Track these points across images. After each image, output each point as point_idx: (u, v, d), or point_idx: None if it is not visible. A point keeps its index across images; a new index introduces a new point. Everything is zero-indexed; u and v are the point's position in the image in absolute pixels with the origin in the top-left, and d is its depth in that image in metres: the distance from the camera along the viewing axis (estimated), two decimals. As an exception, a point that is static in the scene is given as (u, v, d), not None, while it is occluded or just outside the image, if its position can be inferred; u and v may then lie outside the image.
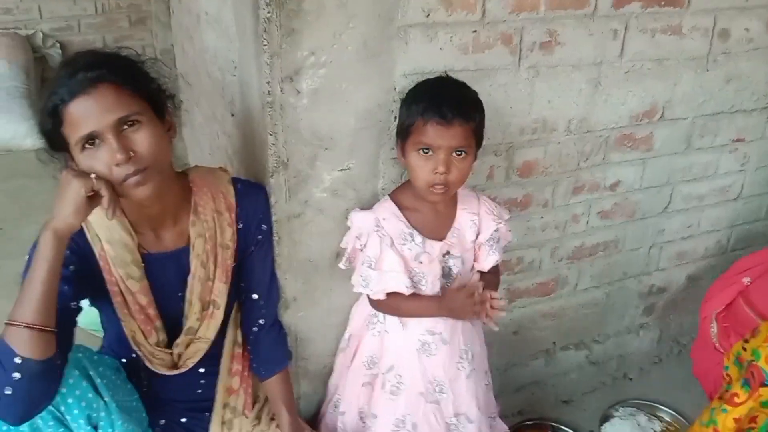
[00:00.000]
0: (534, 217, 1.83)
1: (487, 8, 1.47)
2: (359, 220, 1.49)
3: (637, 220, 2.03)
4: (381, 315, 1.58)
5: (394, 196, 1.52)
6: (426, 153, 1.36)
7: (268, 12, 1.28)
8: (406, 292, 1.46)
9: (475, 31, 1.49)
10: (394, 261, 1.46)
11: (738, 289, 1.95)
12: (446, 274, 1.54)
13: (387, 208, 1.49)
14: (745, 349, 1.59)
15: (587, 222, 1.94)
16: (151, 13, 4.21)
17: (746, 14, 1.88)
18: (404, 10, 1.40)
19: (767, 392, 1.47)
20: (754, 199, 2.27)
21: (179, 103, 1.34)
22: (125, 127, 1.20)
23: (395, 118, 1.49)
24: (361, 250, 1.48)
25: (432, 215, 1.51)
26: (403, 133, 1.40)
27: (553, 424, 2.13)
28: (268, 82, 1.34)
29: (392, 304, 1.50)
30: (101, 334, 1.54)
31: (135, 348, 1.42)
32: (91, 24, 4.15)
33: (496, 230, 1.55)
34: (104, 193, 1.17)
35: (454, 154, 1.37)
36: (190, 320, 1.45)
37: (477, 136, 1.41)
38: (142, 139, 1.21)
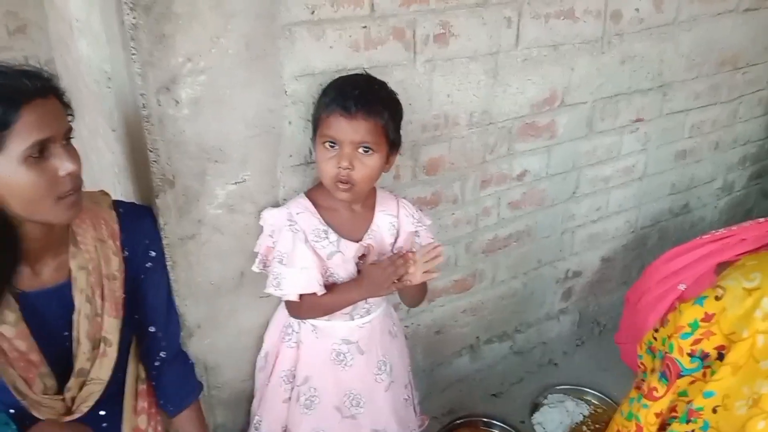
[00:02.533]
0: (445, 215, 1.79)
1: (375, 2, 1.41)
2: (272, 217, 1.41)
3: (547, 207, 2.04)
4: (296, 324, 1.50)
5: (309, 194, 1.44)
6: (332, 147, 1.31)
7: (134, 17, 1.16)
8: (319, 292, 1.38)
9: (365, 27, 1.42)
10: (306, 257, 1.37)
11: (674, 296, 1.97)
12: None
13: (301, 204, 1.41)
14: (655, 339, 1.61)
15: (498, 214, 1.92)
16: (30, 21, 3.91)
17: (636, -6, 1.90)
18: (287, 7, 1.31)
19: (684, 383, 1.50)
20: (658, 177, 2.34)
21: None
22: (65, 141, 1.13)
23: (290, 123, 1.41)
24: (273, 248, 1.40)
25: (348, 215, 1.43)
26: (313, 127, 1.37)
27: (484, 419, 2.11)
28: (142, 94, 1.22)
29: (309, 303, 1.41)
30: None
31: (18, 398, 1.28)
32: (-36, 37, 3.81)
33: (416, 234, 1.49)
34: None
35: (360, 151, 1.30)
36: (80, 361, 1.31)
37: (386, 134, 1.33)
38: (77, 155, 1.15)
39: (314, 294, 1.38)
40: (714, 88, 2.33)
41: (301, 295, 1.39)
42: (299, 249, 1.37)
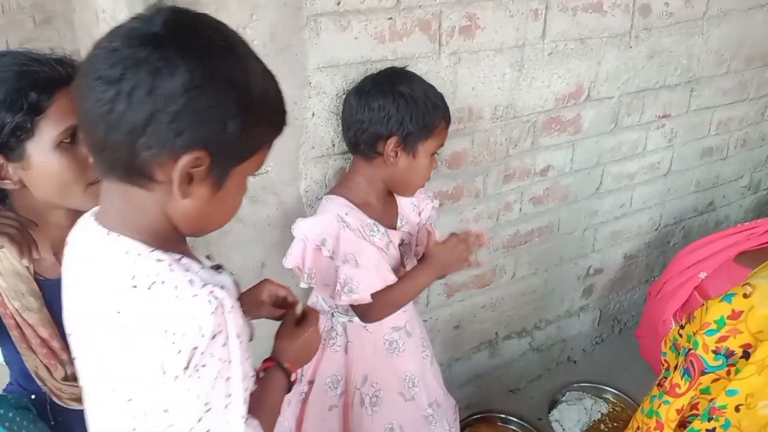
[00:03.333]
0: (467, 209, 1.78)
1: (402, -7, 1.39)
2: (315, 227, 1.31)
3: (570, 203, 2.01)
4: (340, 327, 1.46)
5: (340, 194, 1.38)
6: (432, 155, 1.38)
7: (160, 7, 1.16)
8: (393, 282, 1.36)
9: (390, 18, 1.40)
10: (373, 252, 1.33)
11: (694, 285, 1.95)
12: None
13: (340, 204, 1.35)
14: (681, 335, 1.58)
15: (520, 209, 1.90)
16: (56, 13, 3.95)
17: (665, -12, 1.87)
18: (312, -1, 1.30)
19: (707, 380, 1.47)
20: (683, 174, 2.30)
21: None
22: None
23: (313, 114, 1.40)
24: (331, 257, 1.31)
25: (381, 206, 1.41)
26: (420, 134, 1.32)
27: (502, 415, 2.10)
28: (166, 84, 1.22)
29: (383, 301, 1.35)
30: (10, 367, 1.40)
31: (40, 384, 1.29)
32: (-9, 27, 3.86)
33: (433, 208, 1.51)
34: (10, 246, 1.04)
35: None
36: (102, 349, 1.32)
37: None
38: None
39: (386, 290, 1.34)
40: (742, 85, 2.29)
41: (373, 295, 1.33)
42: (364, 247, 1.33)
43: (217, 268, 0.87)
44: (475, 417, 2.07)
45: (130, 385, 0.78)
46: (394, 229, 1.43)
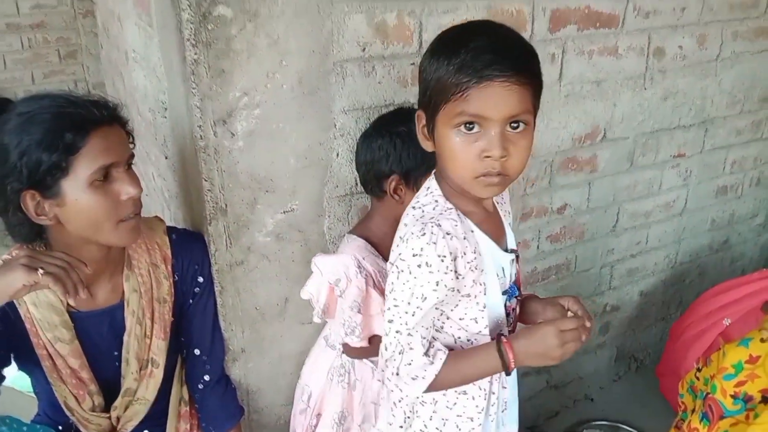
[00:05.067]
0: (485, 246, 1.80)
1: (423, 40, 1.44)
2: (332, 265, 1.32)
3: (587, 241, 2.03)
4: (349, 363, 1.48)
5: (361, 234, 1.41)
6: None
7: (196, 53, 1.21)
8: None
9: (413, 64, 1.45)
10: (380, 302, 1.34)
11: (718, 330, 1.95)
12: None
13: (360, 247, 1.38)
14: (698, 378, 1.59)
15: (538, 246, 1.92)
16: (81, 47, 4.07)
17: (679, 32, 1.91)
18: (339, 45, 1.35)
19: (725, 424, 1.48)
20: (698, 212, 2.32)
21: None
22: (127, 167, 1.20)
23: (337, 155, 1.44)
24: (341, 296, 1.34)
25: None
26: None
27: (518, 452, 2.09)
28: (200, 126, 1.27)
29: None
30: (39, 398, 1.44)
31: (68, 414, 1.33)
32: (19, 60, 3.97)
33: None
34: (54, 286, 1.08)
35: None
36: (128, 380, 1.36)
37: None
38: (138, 180, 1.22)
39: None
40: (756, 125, 2.32)
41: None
42: (373, 296, 1.34)
43: (512, 250, 1.16)
44: (491, 454, 2.07)
45: None
46: None
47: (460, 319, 1.10)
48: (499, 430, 1.23)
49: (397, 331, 1.05)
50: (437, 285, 1.02)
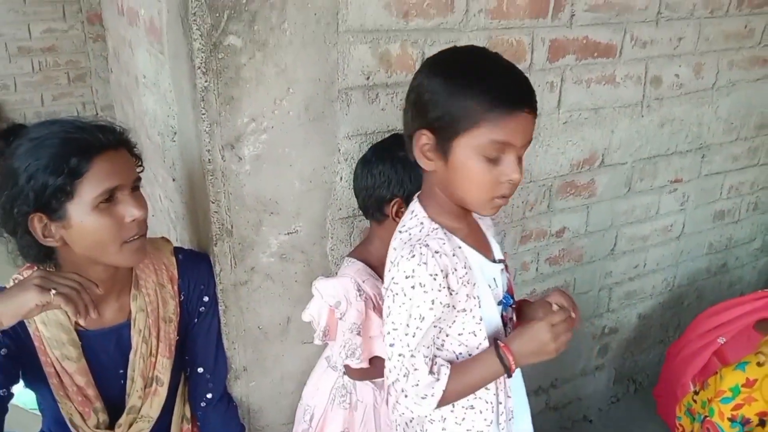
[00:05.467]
0: (485, 268, 1.84)
1: (426, 68, 1.49)
2: (332, 288, 1.35)
3: (585, 264, 2.06)
4: (351, 384, 1.50)
5: (360, 257, 1.43)
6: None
7: (206, 81, 1.26)
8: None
9: (415, 91, 1.50)
10: (379, 324, 1.36)
11: (713, 349, 1.98)
12: None
13: (361, 270, 1.40)
14: (695, 401, 1.61)
15: (537, 269, 1.96)
16: (90, 70, 4.15)
17: (675, 61, 1.96)
18: (344, 74, 1.40)
19: (723, 446, 1.49)
20: (696, 236, 2.35)
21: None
22: (131, 189, 1.23)
23: (341, 178, 1.48)
24: (341, 319, 1.36)
25: None
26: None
27: (517, 474, 2.09)
28: (208, 150, 1.31)
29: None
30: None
31: (73, 431, 1.34)
32: (29, 82, 4.05)
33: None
34: (66, 306, 1.11)
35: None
36: (133, 398, 1.38)
37: None
38: (144, 203, 1.24)
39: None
40: (752, 151, 2.36)
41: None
42: (373, 318, 1.37)
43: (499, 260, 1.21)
44: (491, 476, 2.07)
45: None
46: None
47: (459, 334, 1.13)
48: None
49: (399, 354, 1.08)
50: (433, 303, 1.05)
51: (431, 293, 1.05)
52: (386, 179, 1.36)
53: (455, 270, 1.08)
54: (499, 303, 1.19)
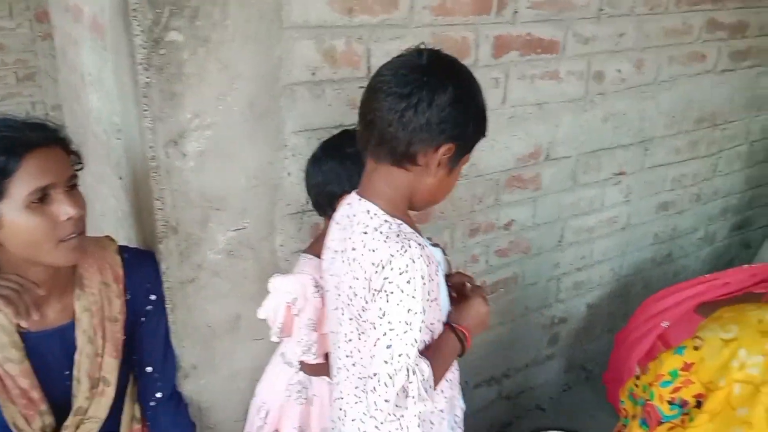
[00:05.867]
0: (435, 262, 1.87)
1: (372, 64, 1.51)
2: (289, 285, 1.37)
3: (533, 255, 2.11)
4: (306, 380, 1.50)
5: (315, 253, 1.42)
6: None
7: (148, 77, 1.25)
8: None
9: (362, 87, 1.49)
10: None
11: (657, 333, 2.05)
12: None
13: (318, 266, 1.39)
14: (637, 386, 1.66)
15: (486, 261, 1.99)
16: (39, 69, 4.03)
17: (617, 57, 2.02)
18: (289, 70, 1.41)
19: (664, 429, 1.55)
20: (641, 227, 2.42)
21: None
22: (67, 188, 1.19)
23: (288, 174, 1.49)
24: (297, 315, 1.38)
25: None
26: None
27: (472, 464, 2.13)
28: (151, 147, 1.31)
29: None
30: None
31: (16, 434, 1.32)
32: (-26, 81, 3.92)
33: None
34: (6, 308, 1.09)
35: None
36: (79, 399, 1.36)
37: None
38: (81, 201, 1.22)
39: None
40: (693, 144, 2.45)
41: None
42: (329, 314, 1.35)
43: (434, 244, 1.21)
44: (445, 466, 2.11)
45: (360, 303, 1.10)
46: None
47: (431, 324, 1.14)
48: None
49: (399, 354, 1.04)
50: (429, 295, 1.08)
51: (427, 285, 1.06)
52: (336, 175, 1.37)
53: (432, 262, 1.11)
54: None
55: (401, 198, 1.13)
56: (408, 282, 1.04)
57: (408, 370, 1.04)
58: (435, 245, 1.22)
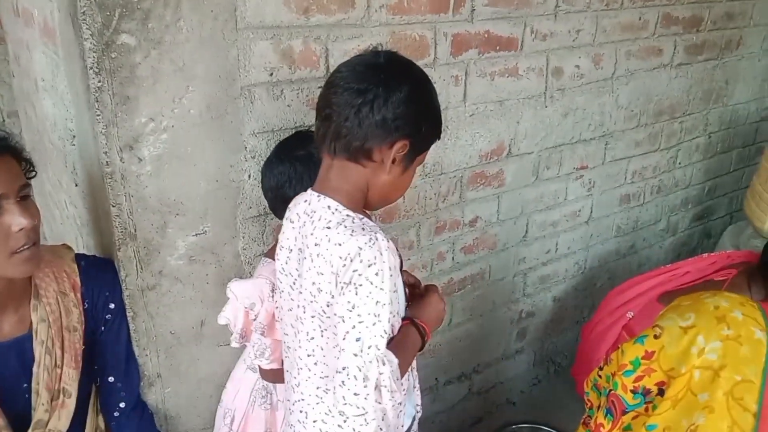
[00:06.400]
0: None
1: (330, 64, 1.50)
2: (247, 290, 1.35)
3: (499, 251, 2.13)
4: (271, 385, 1.49)
5: (273, 257, 1.39)
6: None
7: (99, 81, 1.23)
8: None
9: (321, 87, 1.50)
10: None
11: (622, 324, 2.08)
12: None
13: (275, 271, 1.36)
14: (600, 376, 1.68)
15: (453, 258, 2.00)
16: (-7, 75, 3.93)
17: (575, 52, 2.05)
18: (246, 71, 1.39)
19: (628, 418, 1.57)
20: (604, 220, 2.46)
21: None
22: (19, 198, 1.17)
23: (249, 176, 1.47)
24: (254, 320, 1.36)
25: None
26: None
27: (444, 460, 2.15)
28: (105, 152, 1.28)
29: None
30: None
31: (-27, 448, 1.28)
32: (-75, 89, 3.80)
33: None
34: None
35: None
36: (39, 412, 1.32)
37: None
38: (34, 211, 1.19)
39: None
40: (653, 137, 2.49)
41: None
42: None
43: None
44: (418, 464, 2.11)
45: (325, 298, 1.10)
46: None
47: (393, 316, 1.12)
48: None
49: (369, 347, 1.04)
50: (395, 287, 1.09)
51: (393, 278, 1.07)
52: (287, 178, 1.36)
53: (396, 255, 1.12)
54: None
55: (359, 194, 1.14)
56: (377, 274, 1.04)
57: (378, 361, 1.04)
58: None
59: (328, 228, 1.10)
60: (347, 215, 1.11)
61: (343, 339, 1.06)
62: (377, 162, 1.10)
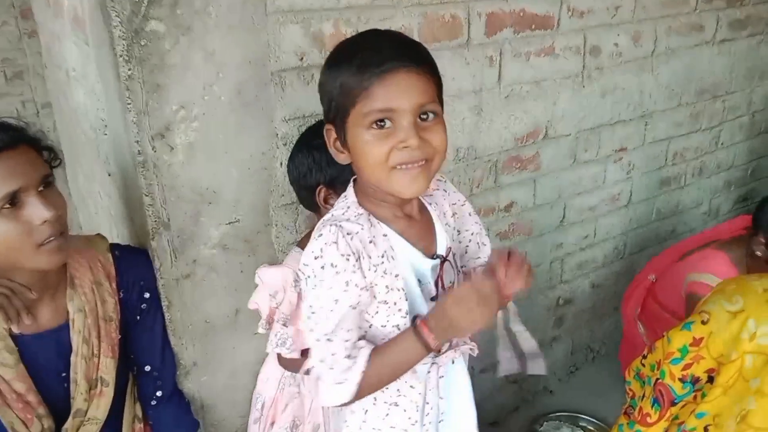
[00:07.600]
0: (435, 247, 1.83)
1: (361, 47, 1.46)
2: (272, 277, 1.34)
3: (536, 237, 2.08)
4: (299, 376, 1.48)
5: (304, 247, 1.35)
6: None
7: (129, 69, 1.21)
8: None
9: (352, 70, 1.47)
10: None
11: (646, 287, 2.05)
12: None
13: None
14: (643, 365, 1.63)
15: (488, 245, 1.96)
16: (27, 67, 3.99)
17: (614, 30, 1.98)
18: (276, 56, 1.37)
19: (676, 409, 1.53)
20: (643, 204, 2.39)
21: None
22: (42, 188, 1.15)
23: (281, 163, 1.45)
24: (277, 308, 1.36)
25: None
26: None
27: (481, 449, 2.12)
28: (137, 141, 1.27)
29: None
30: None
31: (16, 439, 1.30)
32: (-37, 83, 3.88)
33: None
34: None
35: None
36: (78, 401, 1.34)
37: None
38: (58, 201, 1.18)
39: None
40: (694, 117, 2.40)
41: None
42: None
43: (437, 256, 1.12)
44: (455, 452, 2.09)
45: None
46: None
47: (382, 326, 1.07)
48: None
49: (317, 339, 1.01)
50: (347, 285, 0.99)
51: (344, 274, 0.98)
52: (306, 168, 1.34)
53: (370, 256, 1.02)
54: (433, 298, 1.11)
55: (371, 188, 1.05)
56: (323, 267, 0.98)
57: (318, 357, 1.03)
58: (438, 257, 1.10)
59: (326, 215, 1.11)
60: (347, 206, 1.08)
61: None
62: (337, 150, 1.05)
